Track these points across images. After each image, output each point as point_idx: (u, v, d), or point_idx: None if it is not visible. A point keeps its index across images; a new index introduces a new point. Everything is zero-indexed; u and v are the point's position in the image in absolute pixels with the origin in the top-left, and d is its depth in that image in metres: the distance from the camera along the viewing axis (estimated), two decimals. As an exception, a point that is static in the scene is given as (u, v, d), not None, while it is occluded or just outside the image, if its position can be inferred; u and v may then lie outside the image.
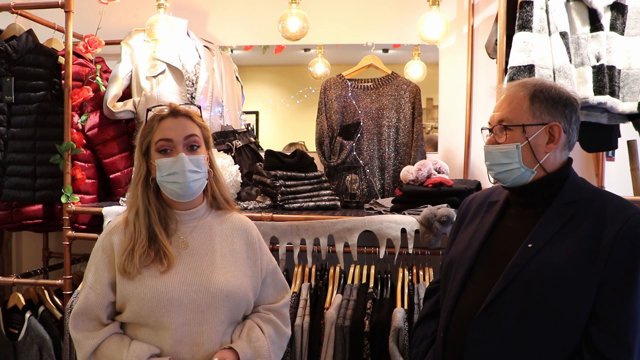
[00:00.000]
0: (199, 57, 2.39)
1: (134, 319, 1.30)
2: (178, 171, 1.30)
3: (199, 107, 1.51)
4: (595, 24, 1.71)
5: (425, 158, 2.38)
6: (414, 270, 1.94)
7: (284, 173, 2.13)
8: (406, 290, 1.87)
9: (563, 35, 1.69)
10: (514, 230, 1.27)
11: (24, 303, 2.13)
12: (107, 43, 2.31)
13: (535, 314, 1.13)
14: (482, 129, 1.35)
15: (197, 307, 1.29)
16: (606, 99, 1.66)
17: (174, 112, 1.35)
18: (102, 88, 2.26)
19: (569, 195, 1.23)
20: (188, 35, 2.43)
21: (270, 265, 1.48)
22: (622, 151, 2.02)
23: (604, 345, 1.10)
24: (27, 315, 2.07)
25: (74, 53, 2.16)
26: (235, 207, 1.50)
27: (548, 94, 1.25)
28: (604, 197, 1.24)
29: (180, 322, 1.27)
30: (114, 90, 2.25)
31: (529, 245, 1.19)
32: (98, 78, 2.25)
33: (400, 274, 1.91)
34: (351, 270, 1.96)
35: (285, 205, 2.09)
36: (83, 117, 2.22)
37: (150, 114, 1.38)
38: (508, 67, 1.72)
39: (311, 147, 2.59)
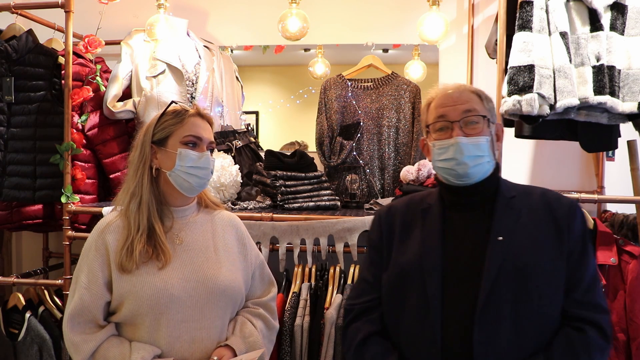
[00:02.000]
0: (199, 57, 2.39)
1: (131, 318, 1.28)
2: (202, 167, 1.33)
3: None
4: (595, 24, 1.71)
5: (425, 158, 2.38)
6: (414, 270, 1.94)
7: (284, 173, 2.13)
8: (406, 290, 1.86)
9: (563, 35, 1.69)
10: (468, 231, 1.26)
11: (24, 303, 2.12)
12: (107, 43, 2.31)
13: (527, 299, 1.17)
14: (433, 123, 1.29)
15: (195, 303, 1.29)
16: (606, 99, 1.65)
17: (200, 114, 1.38)
18: (102, 88, 2.26)
19: (508, 192, 1.29)
20: (188, 35, 2.43)
21: (258, 259, 1.50)
22: (622, 151, 2.02)
23: (583, 311, 1.20)
24: (27, 315, 2.07)
25: (74, 53, 2.16)
26: (222, 206, 1.51)
27: (489, 98, 1.33)
28: (536, 189, 1.34)
29: (178, 319, 1.27)
30: (114, 90, 2.25)
31: (500, 238, 1.21)
32: (98, 78, 2.25)
33: (400, 274, 1.91)
34: (351, 270, 1.96)
35: (285, 205, 2.09)
36: (83, 117, 2.22)
37: (175, 106, 1.39)
38: (508, 67, 1.72)
39: (309, 147, 2.59)
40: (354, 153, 2.42)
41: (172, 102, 1.41)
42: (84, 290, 1.28)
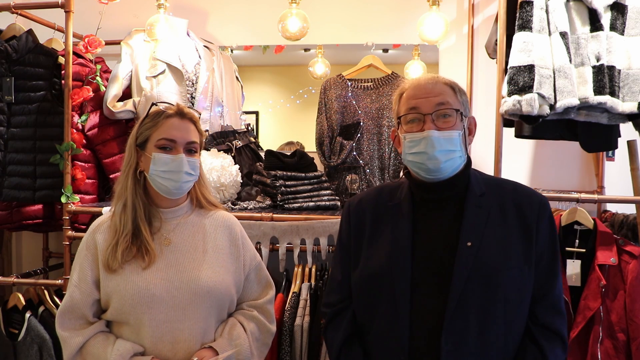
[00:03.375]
0: (199, 57, 2.39)
1: (117, 317, 1.31)
2: (175, 170, 1.32)
3: (199, 114, 1.53)
4: (595, 24, 1.71)
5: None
6: (414, 270, 1.94)
7: (284, 173, 2.13)
8: (406, 290, 1.86)
9: (563, 35, 1.69)
10: (438, 233, 1.24)
11: (24, 303, 2.12)
12: (107, 43, 2.31)
13: (494, 305, 1.17)
14: (405, 115, 1.25)
15: (178, 304, 1.30)
16: (606, 99, 1.65)
17: (180, 114, 1.37)
18: (102, 88, 2.26)
19: (478, 188, 1.26)
20: (188, 35, 2.43)
21: (254, 261, 1.49)
22: (622, 151, 2.02)
23: (551, 320, 1.21)
24: (27, 315, 2.07)
25: (74, 53, 2.15)
26: (221, 207, 1.51)
27: (463, 90, 1.29)
28: (506, 184, 1.31)
29: (161, 319, 1.28)
30: (114, 90, 2.25)
31: (468, 244, 1.18)
32: (98, 78, 2.25)
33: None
34: (351, 270, 1.96)
35: (285, 205, 2.09)
36: (83, 117, 2.22)
37: (155, 108, 1.39)
38: (508, 67, 1.72)
39: (307, 147, 2.58)
40: (354, 153, 2.42)
41: (153, 104, 1.42)
42: (74, 287, 1.33)
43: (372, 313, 1.25)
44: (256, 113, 2.87)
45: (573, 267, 1.75)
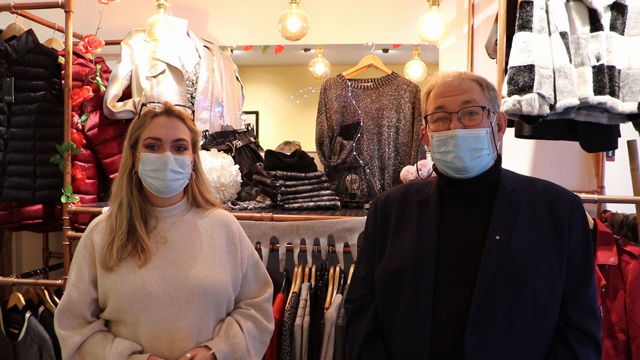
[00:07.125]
0: (199, 57, 2.39)
1: (114, 316, 1.31)
2: (161, 168, 1.33)
3: (193, 112, 1.52)
4: (595, 24, 1.71)
5: (425, 158, 2.38)
6: (414, 270, 1.93)
7: (284, 173, 2.13)
8: (406, 290, 1.86)
9: (563, 35, 1.69)
10: (465, 227, 1.22)
11: (24, 303, 2.12)
12: (107, 43, 2.31)
13: (522, 303, 1.14)
14: (431, 114, 1.25)
15: (174, 303, 1.30)
16: (606, 99, 1.65)
17: (168, 112, 1.38)
18: (102, 88, 2.26)
19: (509, 185, 1.25)
20: (188, 35, 2.43)
21: (252, 259, 1.49)
22: (622, 151, 2.02)
23: (584, 322, 1.17)
24: (27, 315, 2.07)
25: (74, 53, 2.15)
26: (220, 205, 1.51)
27: (491, 85, 1.28)
28: (537, 183, 1.28)
29: (157, 317, 1.28)
30: (114, 90, 2.26)
31: (497, 237, 1.17)
32: (98, 78, 2.25)
33: (400, 274, 1.91)
34: (351, 270, 1.96)
35: (285, 205, 2.09)
36: (83, 117, 2.22)
37: (145, 109, 1.40)
38: (508, 67, 1.72)
39: (306, 147, 2.58)
40: (354, 153, 2.42)
41: (143, 104, 1.42)
42: (72, 287, 1.34)
43: (394, 308, 1.24)
44: (256, 113, 2.87)
45: (573, 267, 1.75)
